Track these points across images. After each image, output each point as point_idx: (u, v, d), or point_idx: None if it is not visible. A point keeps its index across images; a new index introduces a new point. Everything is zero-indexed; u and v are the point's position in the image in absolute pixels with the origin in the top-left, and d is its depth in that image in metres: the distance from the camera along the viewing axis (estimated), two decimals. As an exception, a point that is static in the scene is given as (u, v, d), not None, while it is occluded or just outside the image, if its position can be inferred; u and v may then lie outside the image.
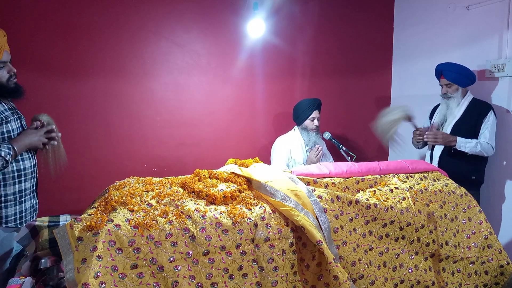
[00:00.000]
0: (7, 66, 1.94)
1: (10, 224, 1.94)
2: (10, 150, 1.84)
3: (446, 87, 2.83)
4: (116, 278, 1.40)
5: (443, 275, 1.99)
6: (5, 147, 1.83)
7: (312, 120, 3.01)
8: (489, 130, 2.72)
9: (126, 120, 3.14)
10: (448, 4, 3.25)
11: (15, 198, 1.95)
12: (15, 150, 1.87)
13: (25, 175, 1.99)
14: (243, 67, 3.44)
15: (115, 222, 1.49)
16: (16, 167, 1.94)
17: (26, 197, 2.02)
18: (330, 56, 3.74)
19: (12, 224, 1.95)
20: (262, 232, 1.66)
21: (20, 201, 1.98)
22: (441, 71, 2.84)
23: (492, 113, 2.74)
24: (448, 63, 2.82)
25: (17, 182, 1.95)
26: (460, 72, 2.76)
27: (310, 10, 3.61)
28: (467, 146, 2.69)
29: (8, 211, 1.94)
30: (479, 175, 2.81)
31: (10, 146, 1.85)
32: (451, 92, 2.82)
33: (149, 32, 3.12)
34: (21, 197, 1.98)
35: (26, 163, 1.99)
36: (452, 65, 2.79)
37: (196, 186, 1.82)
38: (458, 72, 2.76)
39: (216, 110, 3.41)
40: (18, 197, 1.97)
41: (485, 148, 2.69)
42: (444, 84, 2.84)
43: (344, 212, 1.84)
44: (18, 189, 1.96)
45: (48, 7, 2.82)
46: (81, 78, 2.96)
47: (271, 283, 1.61)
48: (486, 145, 2.70)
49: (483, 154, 2.71)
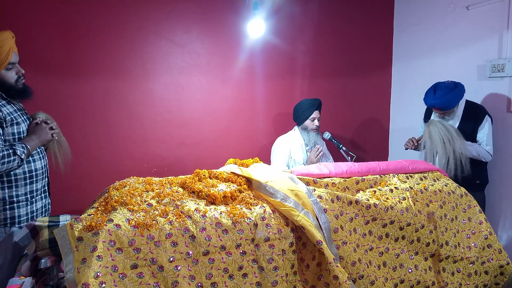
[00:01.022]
0: (16, 67, 1.96)
1: (22, 224, 1.97)
2: (24, 149, 1.88)
3: (443, 114, 2.76)
4: (116, 278, 1.40)
5: (443, 275, 1.99)
6: (19, 146, 1.87)
7: (312, 120, 3.01)
8: (486, 137, 2.69)
9: (126, 120, 3.14)
10: (448, 4, 3.25)
11: (26, 199, 1.98)
12: (28, 149, 1.91)
13: (36, 176, 2.02)
14: (243, 67, 3.44)
15: (115, 222, 1.49)
16: (28, 168, 1.97)
17: (37, 197, 2.04)
18: (330, 56, 3.74)
19: (24, 224, 1.96)
20: (262, 232, 1.66)
21: (32, 201, 2.01)
22: (433, 105, 2.71)
23: (487, 119, 2.70)
24: (438, 96, 2.66)
25: (29, 183, 1.98)
26: (454, 99, 2.65)
27: (310, 10, 3.61)
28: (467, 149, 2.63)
29: (20, 211, 1.96)
30: (482, 178, 2.81)
31: (24, 145, 1.89)
32: (448, 115, 2.76)
33: (149, 32, 3.12)
34: (32, 197, 2.01)
35: (37, 164, 2.02)
36: (443, 96, 2.64)
37: (196, 186, 1.82)
38: (451, 100, 2.64)
39: (216, 110, 3.41)
40: (29, 197, 1.99)
41: (482, 154, 2.69)
42: (439, 113, 2.76)
43: (344, 212, 1.84)
44: (29, 189, 1.99)
45: (48, 7, 2.82)
46: (81, 78, 2.96)
47: (271, 283, 1.61)
48: (484, 151, 2.69)
49: (481, 159, 2.70)
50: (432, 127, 2.65)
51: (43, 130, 2.00)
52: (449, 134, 2.59)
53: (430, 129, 2.65)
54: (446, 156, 2.58)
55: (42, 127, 2.01)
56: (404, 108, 3.87)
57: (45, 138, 2.02)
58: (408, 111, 3.80)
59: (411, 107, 3.72)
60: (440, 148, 2.58)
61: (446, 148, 2.57)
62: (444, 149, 2.58)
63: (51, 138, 2.04)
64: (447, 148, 2.57)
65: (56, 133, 2.07)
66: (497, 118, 2.83)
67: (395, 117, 4.01)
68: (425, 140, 2.68)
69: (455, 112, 2.75)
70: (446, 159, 2.57)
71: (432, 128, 2.64)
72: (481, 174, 2.81)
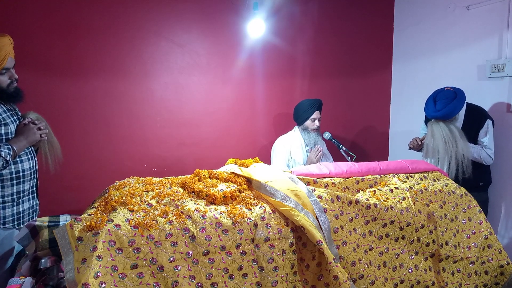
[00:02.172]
0: (9, 72, 1.95)
1: (8, 225, 1.95)
2: (10, 150, 1.85)
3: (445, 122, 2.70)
4: (116, 278, 1.40)
5: (443, 275, 1.99)
6: (5, 147, 1.84)
7: (313, 120, 3.01)
8: (487, 141, 2.69)
9: (126, 120, 3.14)
10: (448, 4, 3.25)
11: (13, 199, 1.96)
12: (15, 150, 1.88)
13: (24, 177, 1.99)
14: (243, 67, 3.44)
15: (115, 222, 1.49)
16: (15, 168, 1.94)
17: (24, 198, 2.02)
18: (330, 56, 3.74)
19: (10, 225, 1.96)
20: (262, 232, 1.66)
21: (18, 202, 1.99)
22: (436, 117, 2.65)
23: (488, 122, 2.70)
24: (439, 109, 2.61)
25: (15, 183, 1.96)
26: (454, 110, 2.60)
27: (310, 10, 3.61)
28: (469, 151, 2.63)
29: (6, 212, 1.94)
30: (485, 180, 2.81)
31: (10, 146, 1.86)
32: (450, 122, 2.68)
33: (149, 32, 3.12)
34: (19, 198, 1.99)
35: (25, 164, 1.99)
36: (444, 110, 2.59)
37: (196, 186, 1.82)
38: (453, 111, 2.60)
39: (216, 110, 3.41)
40: (16, 198, 1.97)
41: (483, 157, 2.69)
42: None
43: (344, 212, 1.84)
44: (16, 190, 1.97)
45: (48, 7, 2.82)
46: (81, 78, 2.96)
47: (271, 283, 1.61)
48: (486, 155, 2.69)
49: (482, 162, 2.70)
50: (435, 127, 2.64)
51: (30, 131, 1.97)
52: (452, 135, 2.58)
53: (433, 128, 2.64)
54: (448, 157, 2.57)
55: (30, 127, 1.98)
56: (404, 108, 3.87)
57: (33, 139, 1.98)
58: (408, 111, 3.80)
59: (411, 107, 3.72)
60: (442, 148, 2.57)
61: (448, 149, 2.56)
62: (446, 149, 2.57)
63: (39, 138, 2.01)
64: (448, 149, 2.56)
65: (44, 133, 2.04)
66: (497, 118, 2.83)
67: (395, 117, 4.01)
68: (427, 140, 2.67)
69: (456, 119, 2.71)
70: (448, 160, 2.57)
71: (435, 128, 2.63)
72: (484, 175, 2.81)
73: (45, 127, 2.06)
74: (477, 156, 2.67)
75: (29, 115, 2.07)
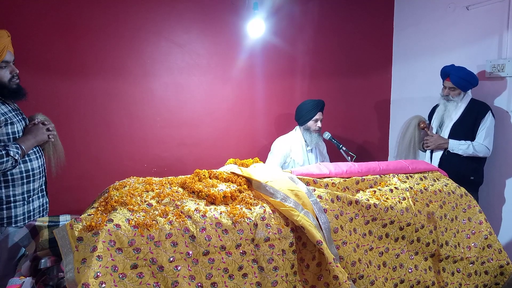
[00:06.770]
0: (10, 66, 1.95)
1: (19, 223, 1.97)
2: (18, 150, 1.87)
3: (449, 90, 2.81)
4: (116, 278, 1.39)
5: (443, 275, 1.99)
6: (13, 146, 1.86)
7: (315, 121, 3.00)
8: (485, 131, 2.72)
9: (126, 120, 3.14)
10: (448, 4, 3.25)
11: (23, 198, 1.98)
12: (23, 149, 1.90)
13: (33, 175, 2.01)
14: (243, 67, 3.44)
15: (115, 222, 1.49)
16: (24, 167, 1.96)
17: (35, 196, 2.04)
18: (330, 56, 3.74)
19: (21, 223, 1.97)
20: (262, 232, 1.66)
21: (28, 201, 2.01)
22: (448, 73, 2.79)
23: (490, 114, 2.73)
24: (457, 67, 2.77)
25: (25, 182, 1.98)
26: (467, 79, 2.72)
27: (310, 10, 3.61)
28: (460, 148, 2.73)
29: (17, 211, 1.96)
30: (477, 175, 2.81)
31: (18, 146, 1.89)
32: (453, 96, 2.80)
33: (149, 32, 3.12)
34: (29, 197, 2.01)
35: (34, 163, 2.01)
36: (460, 70, 2.74)
37: (196, 186, 1.82)
38: (465, 78, 2.72)
39: (216, 110, 3.41)
40: (26, 197, 1.99)
41: (478, 149, 2.70)
42: (448, 87, 2.81)
43: (344, 212, 1.84)
44: (26, 189, 1.98)
45: (47, 7, 2.82)
46: (81, 78, 2.96)
47: (271, 283, 1.61)
48: (480, 146, 2.70)
49: (478, 155, 2.71)
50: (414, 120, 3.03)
51: (39, 130, 2.00)
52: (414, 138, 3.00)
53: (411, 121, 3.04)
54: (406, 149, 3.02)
55: (40, 127, 2.01)
56: (404, 108, 3.87)
57: (42, 138, 2.01)
58: (408, 111, 3.79)
59: (411, 107, 3.72)
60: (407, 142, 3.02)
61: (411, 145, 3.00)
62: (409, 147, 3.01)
63: (47, 138, 2.04)
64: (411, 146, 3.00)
65: (52, 135, 2.07)
66: (497, 118, 2.83)
67: (395, 117, 4.01)
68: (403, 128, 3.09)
69: (460, 98, 2.80)
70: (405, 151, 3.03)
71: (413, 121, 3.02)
72: (477, 171, 2.81)
73: (53, 129, 2.09)
74: (470, 152, 2.71)
75: (37, 117, 2.08)
